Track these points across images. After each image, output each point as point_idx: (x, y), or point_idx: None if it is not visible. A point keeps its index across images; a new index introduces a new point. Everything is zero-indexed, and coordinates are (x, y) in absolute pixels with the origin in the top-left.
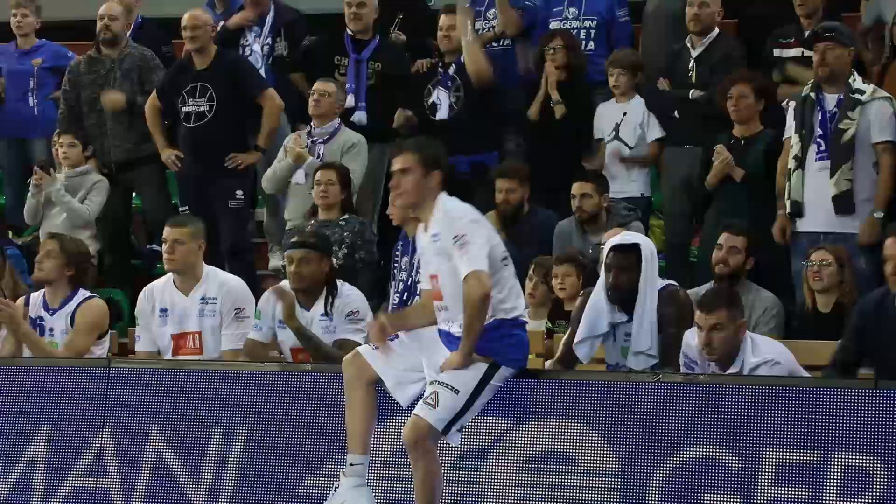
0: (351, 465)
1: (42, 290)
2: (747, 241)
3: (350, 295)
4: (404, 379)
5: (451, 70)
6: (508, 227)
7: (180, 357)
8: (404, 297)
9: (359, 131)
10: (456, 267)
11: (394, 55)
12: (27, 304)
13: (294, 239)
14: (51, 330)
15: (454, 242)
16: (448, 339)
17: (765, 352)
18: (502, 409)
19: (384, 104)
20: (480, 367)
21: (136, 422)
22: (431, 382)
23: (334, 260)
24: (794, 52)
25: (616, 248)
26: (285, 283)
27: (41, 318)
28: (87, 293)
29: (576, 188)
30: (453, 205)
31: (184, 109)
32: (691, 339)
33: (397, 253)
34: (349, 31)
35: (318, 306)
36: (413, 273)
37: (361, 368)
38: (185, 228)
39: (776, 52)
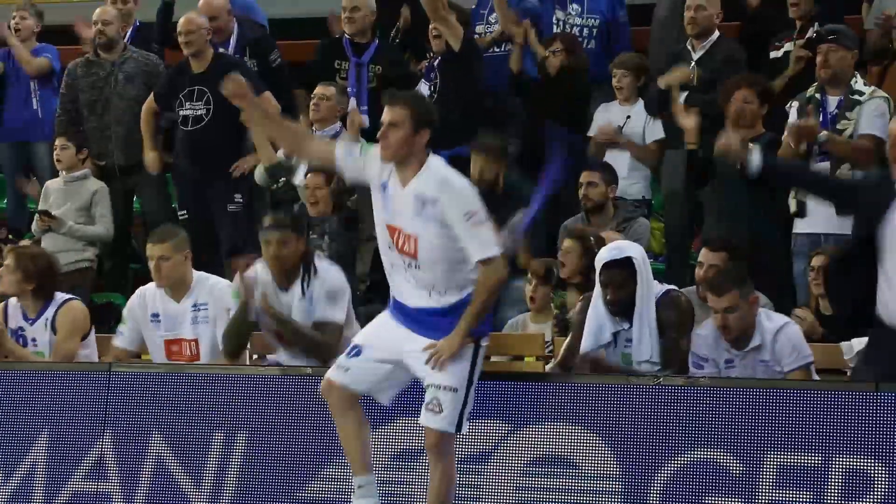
0: (359, 486)
1: (17, 301)
2: (728, 256)
3: (328, 271)
4: (383, 386)
5: (435, 63)
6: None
7: (181, 361)
8: None
9: (360, 134)
10: (458, 242)
11: (394, 57)
12: (5, 315)
13: (269, 222)
14: (33, 340)
15: (466, 219)
16: (425, 313)
17: (777, 319)
18: (504, 412)
19: None
20: (467, 354)
21: (136, 427)
22: (427, 387)
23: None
24: (787, 46)
25: (609, 265)
26: (257, 270)
27: (21, 329)
28: (65, 296)
29: (583, 176)
30: (452, 173)
31: (181, 113)
32: (701, 330)
33: None
34: (347, 35)
35: (296, 288)
36: None
37: (341, 390)
38: (166, 244)
39: (772, 54)
